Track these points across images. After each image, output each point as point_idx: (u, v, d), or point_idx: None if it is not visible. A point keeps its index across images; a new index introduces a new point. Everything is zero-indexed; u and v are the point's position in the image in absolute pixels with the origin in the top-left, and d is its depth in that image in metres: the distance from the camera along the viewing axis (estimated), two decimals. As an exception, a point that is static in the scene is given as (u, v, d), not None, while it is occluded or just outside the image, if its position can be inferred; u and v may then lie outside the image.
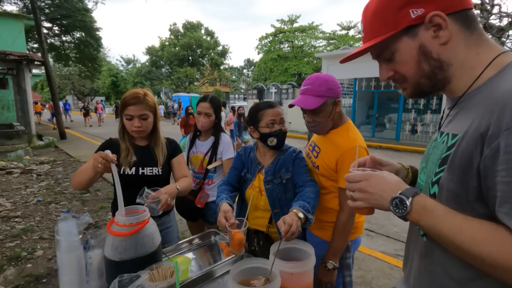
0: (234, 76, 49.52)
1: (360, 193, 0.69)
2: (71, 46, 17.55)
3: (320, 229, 1.47)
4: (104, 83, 36.08)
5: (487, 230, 0.53)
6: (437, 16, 0.60)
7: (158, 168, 1.58)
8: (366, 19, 0.70)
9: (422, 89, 0.69)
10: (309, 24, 28.77)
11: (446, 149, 0.65)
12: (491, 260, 0.52)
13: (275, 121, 1.40)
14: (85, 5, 15.55)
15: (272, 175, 1.46)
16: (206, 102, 2.02)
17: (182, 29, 34.20)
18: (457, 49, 0.63)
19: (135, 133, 1.54)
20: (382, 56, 0.71)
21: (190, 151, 2.16)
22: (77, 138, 12.18)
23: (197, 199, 2.07)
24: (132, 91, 1.53)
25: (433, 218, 0.59)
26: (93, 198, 4.72)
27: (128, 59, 45.19)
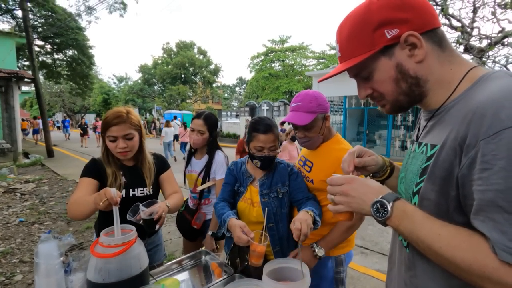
0: (227, 94, 50.01)
1: (341, 196, 0.69)
2: (63, 64, 17.52)
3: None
4: (95, 101, 35.84)
5: (463, 236, 0.54)
6: (411, 36, 0.62)
7: (149, 188, 1.53)
8: (342, 39, 0.70)
9: (401, 105, 0.71)
10: (299, 44, 29.67)
11: (425, 159, 0.66)
12: (466, 266, 0.52)
13: (263, 148, 1.41)
14: (78, 24, 15.70)
15: (268, 189, 1.45)
16: (200, 119, 1.95)
17: (175, 48, 34.74)
18: (432, 66, 0.65)
19: (121, 155, 1.45)
20: (360, 75, 0.72)
21: (186, 170, 2.11)
22: (65, 156, 11.90)
23: (194, 220, 2.00)
24: (114, 110, 1.44)
25: (412, 223, 0.60)
26: (79, 218, 4.54)
27: (120, 77, 45.31)
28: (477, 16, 9.32)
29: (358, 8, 0.68)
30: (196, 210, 2.03)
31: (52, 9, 14.09)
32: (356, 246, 3.62)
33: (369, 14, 0.65)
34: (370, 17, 0.64)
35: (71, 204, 1.34)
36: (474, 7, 9.13)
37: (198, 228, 2.00)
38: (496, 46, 9.22)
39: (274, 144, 1.42)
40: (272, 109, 17.68)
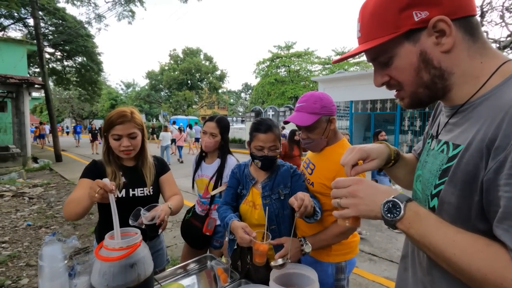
0: (232, 99, 50.30)
1: (349, 198, 0.64)
2: (72, 70, 17.86)
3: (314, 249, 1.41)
4: (103, 106, 36.40)
5: (480, 245, 0.51)
6: (441, 22, 0.56)
7: (149, 188, 1.52)
8: (364, 18, 0.64)
9: (420, 99, 0.65)
10: (305, 50, 29.75)
11: (446, 160, 0.61)
12: (481, 276, 0.49)
13: (263, 147, 1.41)
14: (88, 31, 16.03)
15: (270, 190, 1.44)
16: (213, 122, 1.93)
17: (181, 54, 35.19)
18: (460, 58, 0.59)
19: (124, 154, 1.46)
20: (378, 59, 0.66)
21: (196, 174, 2.05)
22: (73, 160, 12.04)
23: (205, 226, 1.93)
24: (118, 110, 1.47)
25: (426, 226, 0.56)
26: (86, 222, 4.55)
27: (127, 83, 46.02)
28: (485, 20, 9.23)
29: None
30: (206, 216, 1.96)
31: (63, 17, 14.44)
32: (365, 253, 3.54)
33: None
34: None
35: (66, 204, 1.34)
36: (482, 11, 9.05)
37: (210, 234, 1.93)
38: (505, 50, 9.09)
39: (275, 144, 1.42)
40: (278, 114, 17.68)
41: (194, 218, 2.02)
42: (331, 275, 1.38)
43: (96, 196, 1.14)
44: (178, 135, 11.54)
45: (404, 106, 0.69)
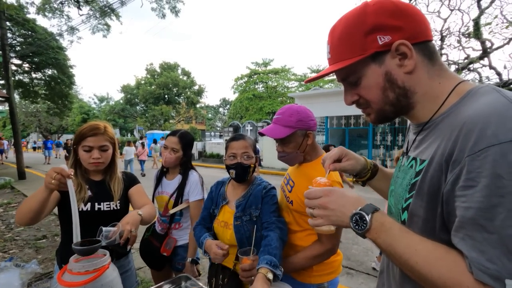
0: (210, 114, 50.15)
1: (320, 210, 0.67)
2: (41, 83, 17.04)
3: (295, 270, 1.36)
4: (74, 120, 34.84)
5: (440, 253, 0.53)
6: (403, 45, 0.61)
7: (116, 203, 1.46)
8: (333, 40, 0.69)
9: (386, 115, 0.69)
10: (282, 67, 30.65)
11: (414, 174, 0.65)
12: (441, 283, 0.51)
13: (235, 154, 1.41)
14: (59, 43, 15.50)
15: (242, 212, 1.40)
16: (175, 137, 1.87)
17: (158, 68, 34.88)
18: (421, 78, 0.64)
19: (93, 166, 1.42)
20: (347, 80, 0.70)
21: (156, 191, 1.95)
22: (37, 178, 11.26)
23: (163, 246, 1.82)
24: (91, 123, 1.46)
25: (391, 236, 0.58)
26: (50, 245, 4.22)
27: (101, 97, 44.61)
28: (444, 44, 10.06)
29: (353, 10, 0.66)
30: (165, 235, 1.86)
31: (33, 28, 13.88)
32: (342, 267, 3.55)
33: (364, 17, 0.63)
34: (364, 20, 0.63)
35: (19, 208, 1.25)
36: (442, 35, 9.87)
37: (167, 255, 1.82)
38: (463, 71, 9.92)
39: (247, 151, 1.41)
40: (256, 129, 17.82)
41: (153, 237, 1.92)
42: None
43: (53, 182, 1.08)
44: (140, 149, 12.27)
45: (370, 121, 0.73)
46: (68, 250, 1.18)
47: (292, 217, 1.37)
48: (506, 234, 0.45)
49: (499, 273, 0.45)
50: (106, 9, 12.98)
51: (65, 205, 1.39)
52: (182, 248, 1.87)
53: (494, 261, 0.46)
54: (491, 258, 0.46)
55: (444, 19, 9.96)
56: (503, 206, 0.45)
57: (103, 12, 13.25)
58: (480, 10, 9.06)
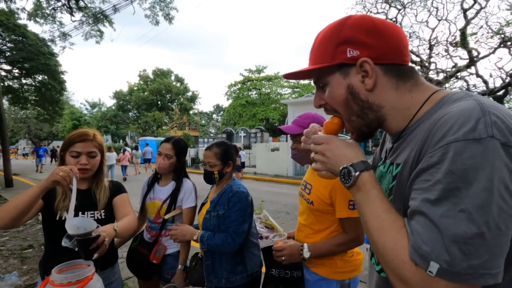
0: (204, 121, 50.13)
1: (319, 155, 0.69)
2: (31, 89, 16.80)
3: (317, 266, 1.42)
4: (65, 127, 34.35)
5: (395, 226, 0.56)
6: (366, 63, 0.63)
7: (100, 212, 1.44)
8: (314, 44, 0.72)
9: (359, 129, 0.70)
10: (275, 74, 30.95)
11: (391, 179, 0.67)
12: (383, 251, 0.55)
13: (204, 162, 1.68)
14: (51, 49, 15.36)
15: (213, 207, 1.62)
16: (169, 143, 1.88)
17: (152, 75, 34.84)
18: (387, 95, 0.65)
19: (80, 173, 1.36)
20: (317, 83, 0.73)
21: (147, 197, 1.92)
22: (26, 185, 11.02)
23: (153, 253, 1.79)
24: (80, 130, 1.46)
25: (365, 197, 0.61)
26: (36, 254, 4.10)
27: (93, 103, 44.24)
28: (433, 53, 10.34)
29: (336, 21, 0.69)
30: (155, 243, 1.83)
31: (23, 34, 13.73)
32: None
33: (340, 28, 0.66)
34: (340, 31, 0.65)
35: (1, 208, 1.20)
36: (430, 45, 10.14)
37: (157, 262, 1.79)
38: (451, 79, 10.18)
39: (210, 160, 1.64)
40: (249, 136, 17.85)
41: (142, 245, 1.88)
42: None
43: (61, 174, 1.13)
44: (122, 155, 13.05)
45: (354, 139, 0.74)
46: (51, 261, 1.16)
47: (314, 217, 1.44)
48: (444, 223, 0.47)
49: (428, 255, 0.48)
50: (99, 16, 12.96)
51: (49, 214, 1.37)
52: (172, 257, 1.83)
53: (428, 244, 0.49)
54: (426, 241, 0.49)
55: (432, 28, 10.25)
56: (448, 199, 0.48)
57: (96, 18, 13.22)
58: (466, 20, 9.36)
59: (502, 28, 8.74)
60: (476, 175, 0.46)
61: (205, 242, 1.54)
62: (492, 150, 0.47)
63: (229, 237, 1.53)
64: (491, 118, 0.49)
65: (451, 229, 0.46)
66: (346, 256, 1.39)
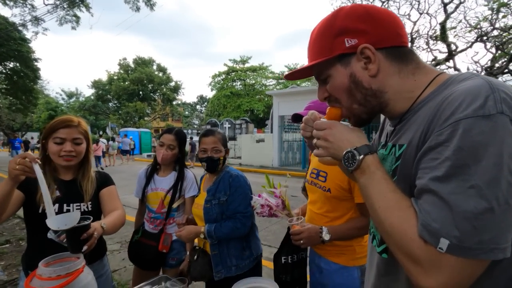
0: (187, 112, 49.25)
1: (321, 140, 0.70)
2: (2, 76, 15.81)
3: (338, 255, 1.41)
4: (40, 117, 32.71)
5: (402, 205, 0.56)
6: (366, 49, 0.63)
7: (86, 204, 1.38)
8: (310, 41, 0.73)
9: (359, 115, 0.72)
10: (260, 65, 30.73)
11: (395, 160, 0.67)
12: (390, 230, 0.56)
13: (206, 149, 1.60)
14: (22, 35, 14.45)
15: (212, 196, 1.59)
16: (171, 134, 1.89)
17: (132, 64, 33.64)
18: (390, 80, 0.66)
19: (64, 160, 1.32)
20: (319, 78, 0.74)
21: (148, 188, 1.92)
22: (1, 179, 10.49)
23: (161, 243, 1.81)
24: (64, 116, 1.39)
25: (370, 179, 0.61)
26: (14, 249, 3.93)
27: (70, 93, 42.28)
28: (414, 46, 10.57)
29: (328, 15, 0.69)
30: (160, 233, 1.85)
31: (-9, 17, 12.85)
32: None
33: (334, 20, 0.66)
34: (334, 23, 0.66)
35: None
36: (412, 38, 10.37)
37: (166, 251, 1.82)
38: (431, 72, 10.47)
39: (216, 146, 1.60)
40: (234, 127, 17.76)
41: (146, 237, 1.87)
42: (357, 278, 1.37)
43: (18, 167, 1.01)
44: (95, 146, 12.60)
45: (352, 125, 0.75)
46: (37, 255, 1.10)
47: (330, 205, 1.41)
48: (454, 199, 0.48)
49: (438, 232, 0.49)
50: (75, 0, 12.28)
51: (31, 207, 1.30)
52: (177, 243, 1.87)
53: (437, 221, 0.49)
54: (435, 219, 0.49)
55: (414, 22, 10.46)
56: (457, 176, 0.48)
57: (71, 2, 12.52)
58: (446, 14, 9.62)
59: (480, 23, 9.06)
60: (486, 151, 0.46)
61: (214, 236, 1.51)
62: (501, 126, 0.47)
63: (238, 223, 1.53)
64: (500, 95, 0.49)
65: (461, 205, 0.47)
66: (362, 241, 1.40)
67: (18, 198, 1.25)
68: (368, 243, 0.84)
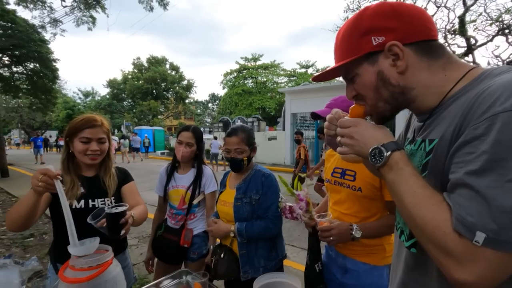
0: (199, 110, 49.69)
1: (346, 138, 0.70)
2: (23, 77, 16.37)
3: (367, 255, 1.38)
4: (58, 116, 33.77)
5: (434, 200, 0.56)
6: (394, 46, 0.63)
7: (110, 199, 1.44)
8: (336, 42, 0.74)
9: (382, 113, 0.72)
10: (271, 62, 30.59)
11: (425, 155, 0.66)
12: (422, 224, 0.55)
13: (229, 150, 1.59)
14: (42, 36, 14.91)
15: (242, 194, 1.57)
16: (189, 132, 1.93)
17: (146, 63, 34.18)
18: (419, 76, 0.65)
19: (90, 159, 1.39)
20: (347, 77, 0.75)
21: (169, 185, 1.98)
22: (21, 175, 10.93)
23: (182, 238, 1.86)
24: (87, 115, 1.43)
25: (399, 175, 0.61)
26: (38, 243, 4.11)
27: (86, 92, 43.43)
28: (431, 40, 10.23)
29: (354, 14, 0.70)
30: (181, 228, 1.90)
31: (13, 20, 13.29)
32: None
33: (360, 20, 0.67)
34: (360, 23, 0.67)
35: (8, 213, 1.21)
36: (429, 32, 10.06)
37: (188, 246, 1.87)
38: (449, 67, 10.14)
39: (239, 147, 1.57)
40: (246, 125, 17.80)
41: (168, 232, 1.93)
42: (387, 277, 1.35)
43: (40, 184, 1.04)
44: None
45: (373, 121, 0.75)
46: (61, 249, 1.15)
47: (359, 205, 1.37)
48: (490, 193, 0.47)
49: (474, 225, 0.48)
50: (91, 1, 12.57)
51: (57, 205, 1.35)
52: (198, 237, 1.92)
53: (473, 215, 0.49)
54: (471, 213, 0.49)
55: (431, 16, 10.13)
56: (494, 170, 0.48)
57: (87, 4, 12.83)
58: (465, 7, 9.27)
59: (502, 15, 8.69)
60: None
61: (245, 234, 1.50)
62: None
63: (269, 223, 1.52)
64: None
65: (499, 199, 0.47)
66: (390, 239, 1.38)
67: (46, 198, 1.31)
68: (395, 238, 0.83)
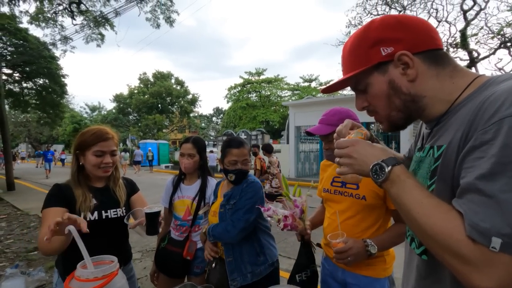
0: (204, 123, 50.11)
1: (345, 158, 0.71)
2: (32, 92, 16.78)
3: (368, 268, 1.35)
4: (65, 130, 34.31)
5: (443, 209, 0.56)
6: (404, 55, 0.65)
7: (122, 209, 1.45)
8: (344, 54, 0.76)
9: (395, 121, 0.73)
10: (275, 76, 31.03)
11: (433, 161, 0.67)
12: (433, 233, 0.55)
13: (237, 161, 1.58)
14: (52, 53, 15.38)
15: (226, 201, 1.60)
16: (189, 143, 1.92)
17: (152, 78, 34.89)
18: (429, 83, 0.67)
19: (103, 171, 1.41)
20: (357, 88, 0.76)
21: (175, 196, 1.97)
22: (27, 189, 11.00)
23: (186, 250, 1.82)
24: (98, 128, 1.45)
25: (402, 187, 0.61)
26: (42, 257, 4.08)
27: (93, 106, 44.25)
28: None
29: (361, 27, 0.72)
30: (186, 240, 1.87)
31: (25, 38, 13.77)
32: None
33: (368, 32, 0.69)
34: (368, 35, 0.69)
35: (40, 241, 1.20)
36: (430, 46, 10.19)
37: (191, 259, 1.84)
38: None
39: (246, 158, 1.60)
40: (250, 138, 17.84)
41: (171, 244, 1.90)
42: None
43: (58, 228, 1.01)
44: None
45: (384, 129, 0.77)
46: (69, 261, 1.15)
47: (363, 213, 1.36)
48: (503, 198, 0.47)
49: (488, 231, 0.48)
50: (100, 19, 13.00)
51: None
52: (201, 251, 1.87)
53: (487, 220, 0.48)
54: (484, 218, 0.49)
55: (433, 30, 10.28)
56: (504, 173, 0.48)
57: (97, 22, 13.26)
58: (466, 21, 9.41)
59: (503, 29, 8.79)
60: None
61: (211, 233, 1.56)
62: None
63: (229, 225, 1.52)
64: None
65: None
66: (389, 250, 1.37)
67: (62, 213, 1.30)
68: (405, 246, 0.82)
